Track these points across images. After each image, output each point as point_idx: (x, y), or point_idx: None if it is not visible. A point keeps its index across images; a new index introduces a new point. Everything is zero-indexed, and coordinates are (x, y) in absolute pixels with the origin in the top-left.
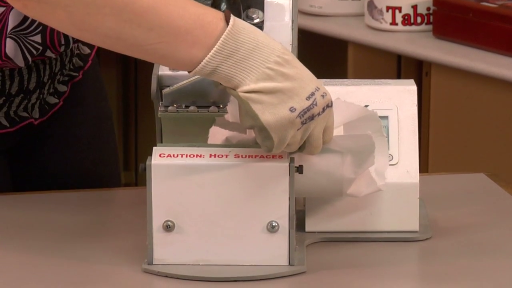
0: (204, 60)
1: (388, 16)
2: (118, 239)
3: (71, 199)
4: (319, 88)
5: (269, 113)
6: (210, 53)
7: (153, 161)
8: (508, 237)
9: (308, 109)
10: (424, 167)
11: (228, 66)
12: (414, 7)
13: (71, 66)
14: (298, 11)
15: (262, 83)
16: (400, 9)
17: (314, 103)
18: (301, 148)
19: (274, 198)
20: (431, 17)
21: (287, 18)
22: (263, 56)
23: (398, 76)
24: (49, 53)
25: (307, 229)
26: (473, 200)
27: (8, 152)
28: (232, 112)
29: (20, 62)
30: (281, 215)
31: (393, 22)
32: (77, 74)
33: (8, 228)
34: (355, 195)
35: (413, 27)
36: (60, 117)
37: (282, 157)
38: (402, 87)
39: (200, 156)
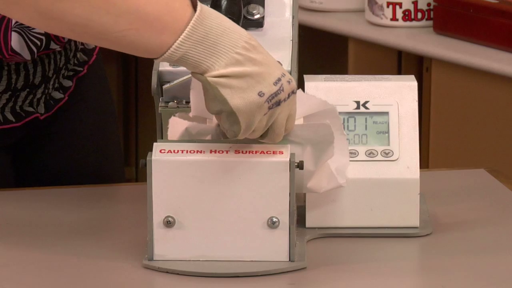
0: (173, 46)
1: (388, 11)
2: (119, 235)
3: (71, 195)
4: (284, 74)
5: (238, 97)
6: (180, 39)
7: (153, 157)
8: (508, 232)
9: (276, 94)
10: (424, 162)
11: (197, 51)
12: (415, 3)
13: (76, 61)
14: (299, 7)
15: (231, 67)
16: (400, 4)
17: (281, 88)
18: (263, 136)
19: (275, 193)
20: (432, 12)
21: (288, 13)
22: (231, 42)
23: (399, 72)
24: (53, 45)
25: (307, 224)
26: (473, 195)
27: (12, 147)
28: (194, 100)
29: (27, 55)
30: (282, 210)
31: (394, 18)
32: (82, 69)
33: (9, 224)
34: (315, 191)
35: (414, 23)
36: (64, 112)
37: (282, 153)
38: (403, 83)
39: (201, 152)
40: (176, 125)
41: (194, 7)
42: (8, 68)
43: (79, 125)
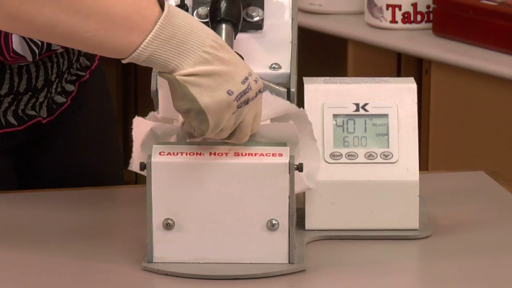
0: (141, 46)
1: (388, 14)
2: (119, 237)
3: (71, 197)
4: (251, 73)
5: (208, 96)
6: (148, 38)
7: (153, 159)
8: (508, 235)
9: (244, 92)
10: (424, 165)
11: (165, 50)
12: (414, 5)
13: (78, 66)
14: (298, 9)
15: (200, 66)
16: (400, 7)
17: (249, 87)
18: (230, 136)
19: (274, 196)
20: (431, 15)
21: (287, 16)
22: (199, 40)
23: (398, 74)
24: (55, 46)
25: (307, 227)
26: (473, 198)
27: (14, 150)
28: (162, 101)
29: (29, 57)
30: (281, 213)
31: (393, 20)
32: (84, 74)
33: (9, 226)
34: None
35: (413, 25)
36: (66, 117)
37: (282, 155)
38: (402, 85)
39: (200, 155)
40: (140, 126)
41: (162, 6)
42: (11, 71)
43: (81, 128)
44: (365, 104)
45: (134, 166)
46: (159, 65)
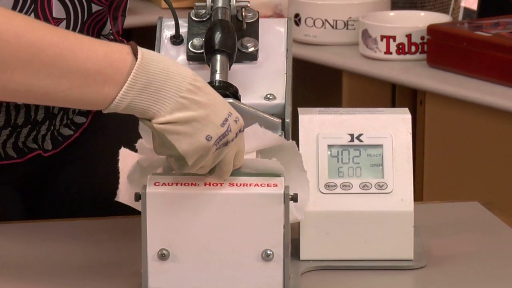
0: (117, 97)
1: (382, 45)
2: (114, 267)
3: (64, 228)
4: (231, 114)
5: (186, 143)
6: (123, 89)
7: (148, 190)
8: (502, 266)
9: (224, 136)
10: (418, 195)
11: (142, 99)
12: (408, 36)
13: None
14: (293, 40)
15: (177, 113)
16: (394, 38)
17: (229, 129)
18: (210, 172)
19: (269, 226)
20: (425, 46)
21: (282, 47)
22: (175, 86)
23: (393, 105)
24: None
25: (302, 257)
26: (467, 228)
27: (20, 180)
28: (145, 139)
29: None
30: (276, 243)
31: (387, 51)
32: None
33: (8, 258)
34: None
35: (408, 56)
36: (76, 148)
37: (276, 185)
38: (397, 116)
39: (195, 185)
40: (126, 158)
41: (135, 54)
42: (7, 104)
43: (93, 159)
44: (360, 135)
45: (121, 197)
46: (138, 113)
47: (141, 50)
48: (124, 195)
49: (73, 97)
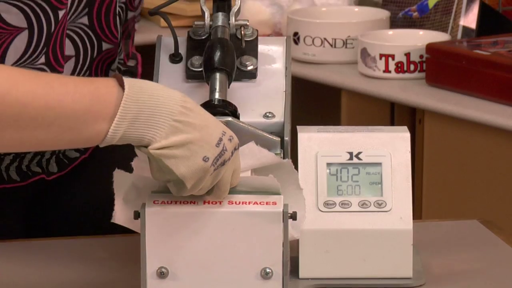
0: (110, 130)
1: (381, 63)
2: (114, 285)
3: (64, 246)
4: (225, 132)
5: (184, 166)
6: (115, 122)
7: (147, 208)
8: (501, 284)
9: (220, 155)
10: (417, 213)
11: (135, 128)
12: (407, 54)
13: None
14: (292, 59)
15: (172, 137)
16: (393, 56)
17: (224, 148)
18: (208, 192)
19: (268, 244)
20: (424, 64)
21: (281, 65)
22: (167, 110)
23: (392, 123)
24: None
25: (301, 275)
26: (466, 247)
27: (22, 201)
28: (141, 157)
29: None
30: (275, 261)
31: (386, 70)
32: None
33: (8, 277)
34: None
35: (406, 75)
36: (81, 169)
37: (275, 203)
38: (396, 134)
39: (194, 203)
40: (121, 179)
41: (122, 86)
42: None
43: (100, 179)
44: (359, 153)
45: (117, 219)
46: (134, 141)
47: (127, 80)
48: (120, 216)
49: (66, 140)
